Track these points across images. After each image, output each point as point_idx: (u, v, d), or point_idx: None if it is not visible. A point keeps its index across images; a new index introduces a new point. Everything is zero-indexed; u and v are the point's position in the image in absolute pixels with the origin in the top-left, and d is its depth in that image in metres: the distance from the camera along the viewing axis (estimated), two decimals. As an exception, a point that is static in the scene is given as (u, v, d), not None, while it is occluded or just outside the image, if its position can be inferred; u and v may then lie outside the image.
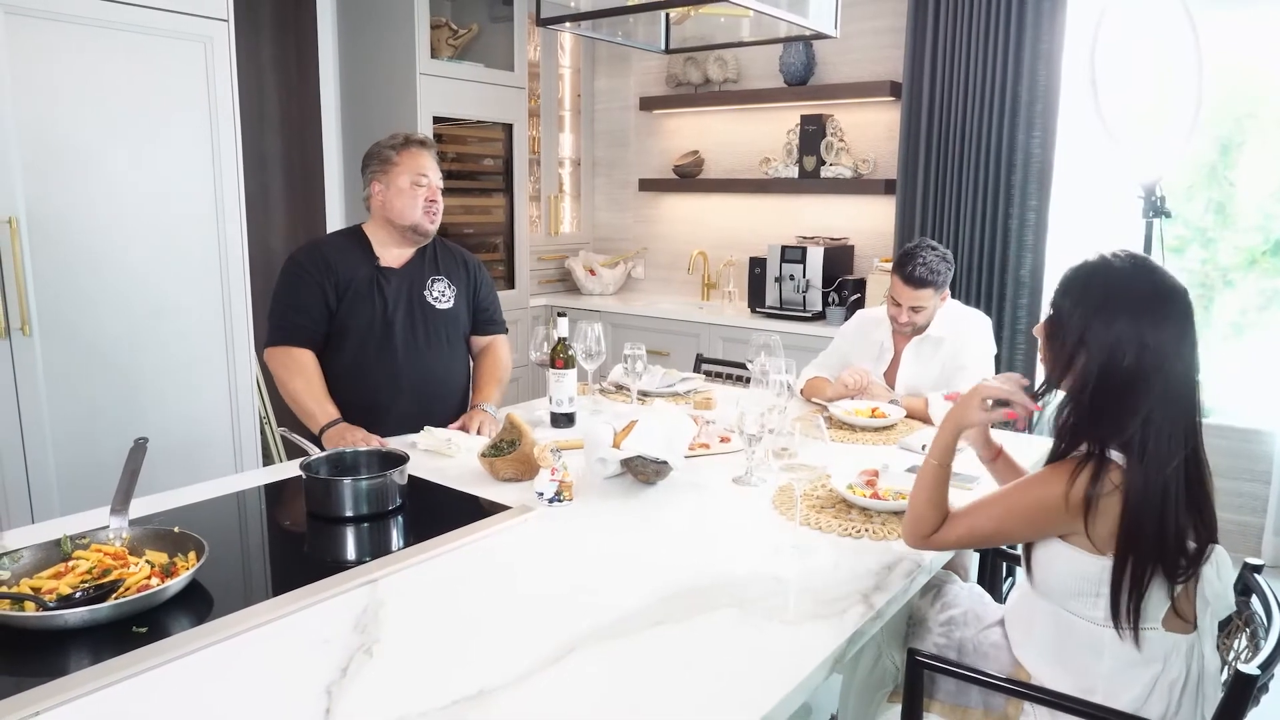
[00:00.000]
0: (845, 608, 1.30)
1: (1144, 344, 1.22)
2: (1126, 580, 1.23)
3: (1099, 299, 1.26)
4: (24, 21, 2.31)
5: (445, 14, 4.05)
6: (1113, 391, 1.24)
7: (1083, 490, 1.23)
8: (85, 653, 1.13)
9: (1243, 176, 3.42)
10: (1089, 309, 1.26)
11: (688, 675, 1.11)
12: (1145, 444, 1.21)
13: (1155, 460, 1.21)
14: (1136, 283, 1.26)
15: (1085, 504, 1.23)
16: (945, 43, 3.65)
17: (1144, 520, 1.21)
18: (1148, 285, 1.26)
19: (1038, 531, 1.32)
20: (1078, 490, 1.23)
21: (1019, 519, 1.32)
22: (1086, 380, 1.26)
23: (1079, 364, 1.27)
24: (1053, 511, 1.26)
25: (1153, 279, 1.27)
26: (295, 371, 2.12)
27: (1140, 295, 1.25)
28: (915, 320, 2.43)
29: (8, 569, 1.29)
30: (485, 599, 1.32)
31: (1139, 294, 1.25)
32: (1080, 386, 1.27)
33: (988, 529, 1.35)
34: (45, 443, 2.47)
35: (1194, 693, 1.30)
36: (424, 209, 2.22)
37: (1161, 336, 1.22)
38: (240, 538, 1.65)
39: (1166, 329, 1.23)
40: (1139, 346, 1.22)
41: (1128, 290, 1.25)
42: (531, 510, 1.65)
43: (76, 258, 2.48)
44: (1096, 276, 1.29)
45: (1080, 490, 1.23)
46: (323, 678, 1.08)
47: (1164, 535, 1.21)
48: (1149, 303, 1.24)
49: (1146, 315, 1.23)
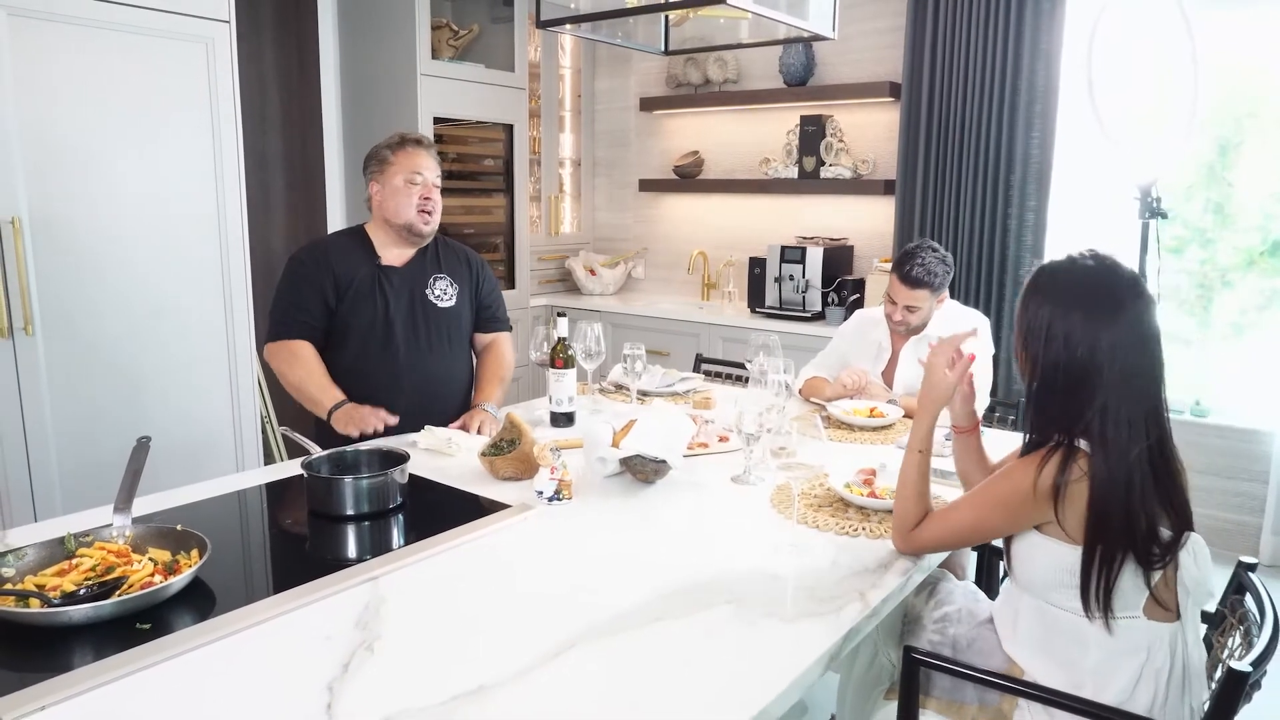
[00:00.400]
0: (842, 605, 1.31)
1: (1097, 336, 1.27)
2: (1095, 566, 1.27)
3: (1055, 296, 1.32)
4: (26, 23, 2.32)
5: (446, 15, 4.07)
6: (1069, 383, 1.29)
7: (1051, 478, 1.28)
8: (89, 649, 1.15)
9: (1241, 177, 3.43)
10: (1046, 306, 1.32)
11: (686, 671, 1.12)
12: (1105, 433, 1.26)
13: (1116, 448, 1.26)
14: (1091, 279, 1.32)
15: (1054, 491, 1.28)
16: (944, 43, 3.67)
17: (1110, 506, 1.25)
18: (1102, 281, 1.31)
19: (1013, 522, 1.35)
20: (1046, 478, 1.28)
21: (994, 509, 1.36)
22: (1045, 373, 1.32)
23: (1038, 358, 1.33)
24: (1024, 500, 1.31)
25: (1108, 275, 1.32)
26: (295, 363, 2.13)
27: (1094, 291, 1.30)
28: (910, 320, 2.44)
29: (12, 566, 1.30)
30: (485, 596, 1.33)
31: (1092, 290, 1.30)
32: (1040, 380, 1.33)
33: (967, 521, 1.40)
34: (48, 441, 2.48)
35: (1180, 683, 1.32)
36: (418, 207, 2.22)
37: (1116, 329, 1.27)
38: (242, 536, 1.67)
39: (1120, 322, 1.28)
40: (1092, 339, 1.28)
41: (1082, 287, 1.31)
42: (531, 509, 1.66)
43: (78, 258, 2.50)
44: (1057, 276, 1.35)
45: (1049, 479, 1.28)
46: (324, 674, 1.09)
47: (1131, 521, 1.25)
48: (1102, 298, 1.29)
49: (1099, 310, 1.28)
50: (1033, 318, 1.34)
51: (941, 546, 1.44)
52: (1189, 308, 3.59)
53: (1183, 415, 3.47)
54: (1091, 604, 1.28)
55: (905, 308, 2.42)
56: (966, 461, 1.62)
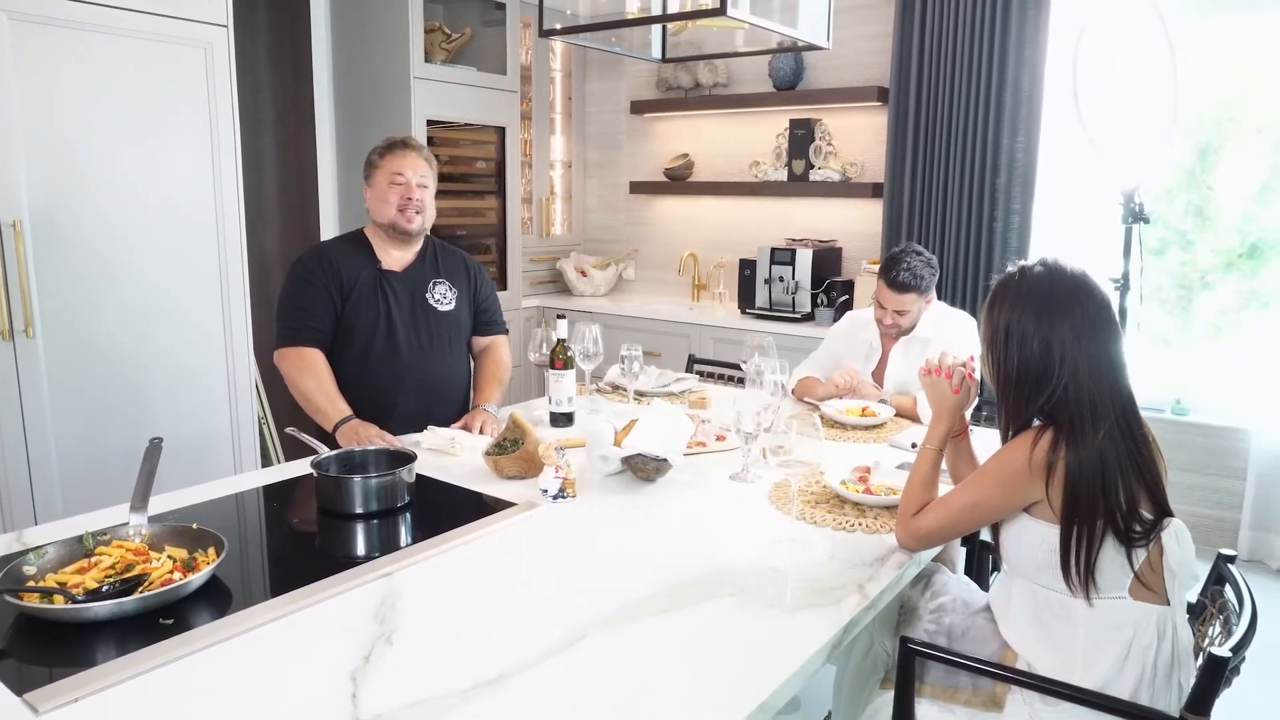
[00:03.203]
0: (841, 597, 1.36)
1: (1050, 331, 1.39)
2: (1074, 540, 1.36)
3: (1009, 303, 1.45)
4: (29, 28, 2.34)
5: (438, 18, 4.10)
6: (1032, 376, 1.41)
7: (1044, 454, 1.38)
8: (113, 644, 1.18)
9: (1220, 180, 3.51)
10: (1003, 313, 1.45)
11: (694, 659, 1.17)
12: (1070, 413, 1.38)
13: (1079, 431, 1.36)
14: (1040, 283, 1.44)
15: (1046, 468, 1.37)
16: (931, 49, 3.73)
17: (1080, 483, 1.35)
18: (1049, 283, 1.43)
19: (1009, 499, 1.43)
20: (1039, 454, 1.38)
21: (991, 488, 1.44)
22: (1010, 372, 1.44)
23: (1001, 360, 1.46)
24: (1020, 476, 1.40)
25: (1053, 278, 1.44)
26: (306, 371, 2.16)
27: (1043, 293, 1.42)
28: (900, 323, 2.50)
29: (34, 564, 1.33)
30: (497, 590, 1.37)
31: (1042, 292, 1.43)
32: (1005, 378, 1.46)
33: (965, 503, 1.48)
34: (48, 443, 2.50)
35: (1169, 664, 1.38)
36: (398, 206, 2.25)
37: (1065, 323, 1.39)
38: (255, 534, 1.70)
39: (1068, 316, 1.40)
40: (1046, 334, 1.40)
41: (1032, 290, 1.44)
42: (537, 506, 1.70)
43: (79, 260, 2.51)
44: (1008, 286, 1.48)
45: (1041, 454, 1.38)
46: (346, 664, 1.13)
47: (1107, 497, 1.34)
48: (1049, 297, 1.42)
49: (1048, 308, 1.41)
50: (994, 326, 1.47)
51: (941, 531, 1.50)
52: (1170, 308, 3.67)
53: (1164, 413, 3.55)
54: (1073, 578, 1.36)
55: (895, 312, 2.48)
56: (959, 462, 1.69)
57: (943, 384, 1.64)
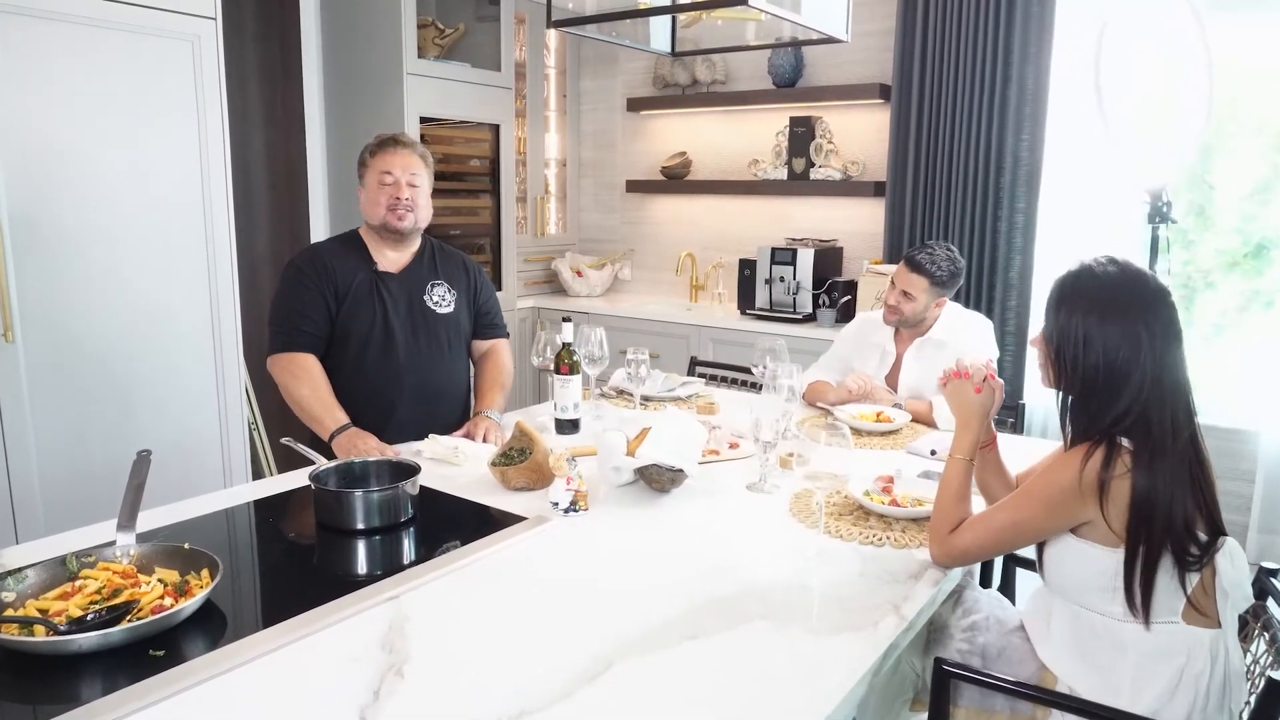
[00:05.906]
0: (878, 619, 1.29)
1: (1137, 338, 1.31)
2: (1139, 564, 1.27)
3: (1086, 304, 1.35)
4: (6, 18, 2.23)
5: (431, 13, 4.00)
6: (1111, 384, 1.32)
7: (1095, 473, 1.29)
8: (99, 679, 1.09)
9: (1221, 180, 3.47)
10: (1078, 314, 1.35)
11: (729, 691, 1.09)
12: (1149, 430, 1.29)
13: (1158, 443, 1.28)
14: (1121, 285, 1.35)
15: (1099, 487, 1.28)
16: (934, 45, 3.67)
17: (1153, 502, 1.26)
18: (1132, 286, 1.35)
19: (1055, 520, 1.35)
20: (1090, 473, 1.29)
21: (1036, 507, 1.35)
22: (1085, 377, 1.34)
23: (1076, 364, 1.35)
24: (1069, 497, 1.31)
25: (1136, 280, 1.35)
26: (301, 378, 2.07)
27: (1126, 296, 1.34)
28: (902, 308, 2.45)
29: (12, 590, 1.23)
30: (512, 613, 1.29)
31: (1125, 295, 1.34)
32: (1080, 384, 1.36)
33: (1007, 522, 1.39)
34: (29, 453, 2.39)
35: (1221, 689, 1.31)
36: (388, 206, 2.16)
37: (1152, 331, 1.31)
38: (250, 552, 1.61)
39: (1155, 323, 1.32)
40: (1133, 341, 1.31)
41: (1112, 292, 1.34)
42: (548, 520, 1.62)
43: (61, 262, 2.41)
44: (1083, 283, 1.38)
45: (1093, 473, 1.29)
46: (355, 700, 1.05)
47: (1171, 519, 1.26)
48: (1135, 302, 1.33)
49: (1134, 313, 1.32)
50: (1065, 326, 1.36)
51: (980, 550, 1.42)
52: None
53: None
54: (1137, 604, 1.28)
55: (901, 292, 2.44)
56: (987, 473, 1.62)
57: (964, 386, 1.55)
